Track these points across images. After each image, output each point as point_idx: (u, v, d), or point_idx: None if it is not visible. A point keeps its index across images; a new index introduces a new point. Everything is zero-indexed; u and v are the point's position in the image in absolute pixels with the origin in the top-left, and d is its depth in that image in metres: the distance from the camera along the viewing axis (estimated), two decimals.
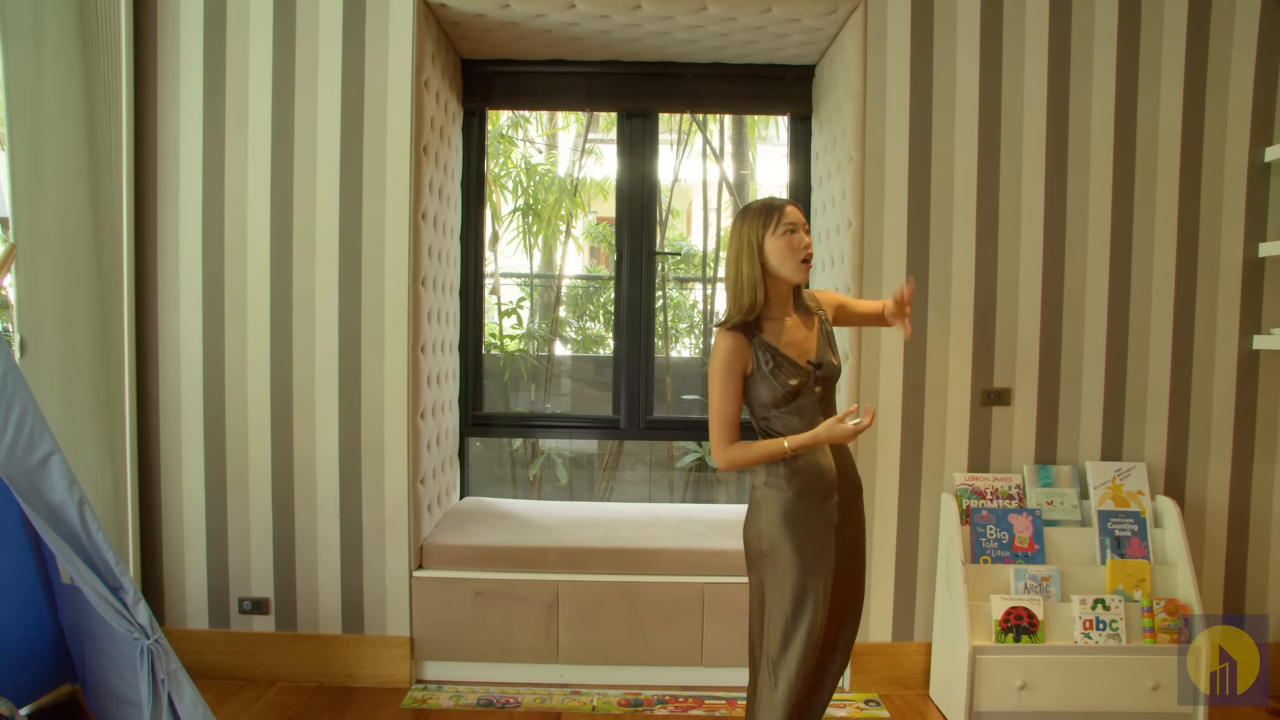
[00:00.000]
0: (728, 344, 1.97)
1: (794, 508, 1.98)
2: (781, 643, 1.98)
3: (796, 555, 1.97)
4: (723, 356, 1.97)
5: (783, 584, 1.98)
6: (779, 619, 1.98)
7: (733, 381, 1.98)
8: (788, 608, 1.97)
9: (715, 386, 1.99)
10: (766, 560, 2.02)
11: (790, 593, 1.97)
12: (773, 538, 2.00)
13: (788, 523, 1.98)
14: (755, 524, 2.05)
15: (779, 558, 1.98)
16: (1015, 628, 2.67)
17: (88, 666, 2.44)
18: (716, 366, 1.98)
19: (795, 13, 2.92)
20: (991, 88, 2.91)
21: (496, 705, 2.85)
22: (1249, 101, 2.93)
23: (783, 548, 1.98)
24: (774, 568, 2.00)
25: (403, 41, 2.88)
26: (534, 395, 4.52)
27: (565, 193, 4.80)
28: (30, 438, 2.00)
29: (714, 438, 2.01)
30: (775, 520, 1.99)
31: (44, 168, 2.61)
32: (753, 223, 1.98)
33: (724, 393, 1.98)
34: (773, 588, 2.00)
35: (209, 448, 2.97)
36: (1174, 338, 2.95)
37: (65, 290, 2.70)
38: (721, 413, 1.99)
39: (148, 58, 2.91)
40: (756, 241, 1.97)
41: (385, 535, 2.96)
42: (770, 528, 2.00)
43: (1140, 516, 2.83)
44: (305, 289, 2.94)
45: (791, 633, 1.97)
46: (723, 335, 1.98)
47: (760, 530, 2.03)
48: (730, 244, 2.03)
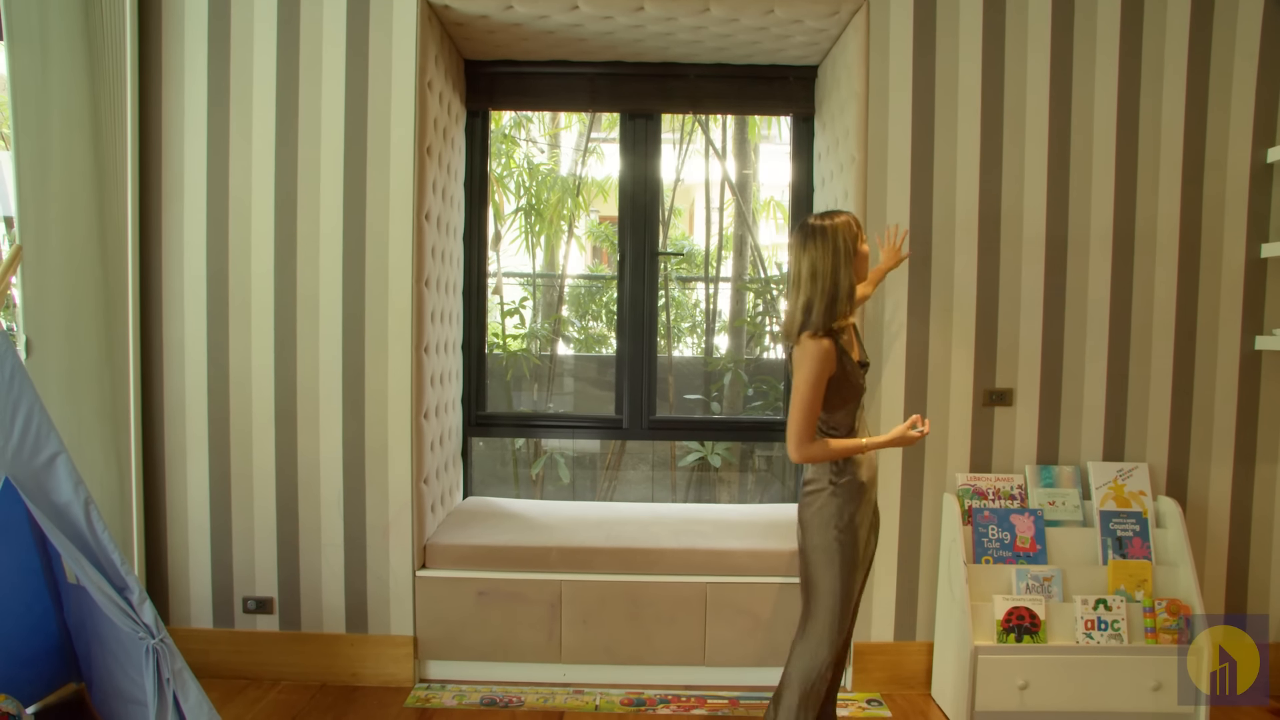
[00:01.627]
0: (822, 350, 2.10)
1: (851, 506, 2.19)
2: (834, 626, 2.20)
3: (852, 550, 2.19)
4: (819, 361, 2.09)
5: (834, 578, 2.19)
6: (836, 603, 2.19)
7: (821, 385, 2.11)
8: (841, 592, 2.19)
9: (805, 388, 2.10)
10: (822, 555, 2.20)
11: (840, 587, 2.19)
12: (831, 533, 2.18)
13: (846, 518, 2.18)
14: (817, 519, 2.21)
15: (833, 553, 2.18)
16: (1017, 628, 2.67)
17: (93, 665, 2.45)
18: (810, 369, 2.09)
19: (798, 14, 2.92)
20: (994, 89, 2.92)
21: (500, 704, 2.86)
22: (1251, 102, 2.93)
23: (839, 542, 2.18)
24: (828, 564, 2.19)
25: (406, 43, 2.89)
26: (537, 395, 4.52)
27: (568, 192, 4.81)
28: (36, 438, 2.02)
29: (797, 434, 2.12)
30: (834, 515, 2.18)
31: (49, 169, 2.62)
32: (846, 234, 2.14)
33: (814, 394, 2.10)
34: (825, 574, 2.20)
35: (214, 448, 2.98)
36: (1176, 338, 2.96)
37: (71, 291, 2.71)
38: (808, 412, 2.11)
39: (152, 58, 2.92)
40: (851, 253, 2.13)
41: (389, 535, 2.97)
42: (829, 523, 2.18)
43: (1142, 517, 2.83)
44: (309, 289, 2.95)
45: (843, 613, 2.21)
46: (816, 341, 2.11)
47: (825, 523, 2.19)
48: (822, 256, 2.13)
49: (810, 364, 2.09)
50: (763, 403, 4.36)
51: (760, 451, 4.30)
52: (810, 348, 2.10)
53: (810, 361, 2.09)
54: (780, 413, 3.81)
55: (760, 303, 4.74)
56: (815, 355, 2.09)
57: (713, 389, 4.48)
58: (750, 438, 4.01)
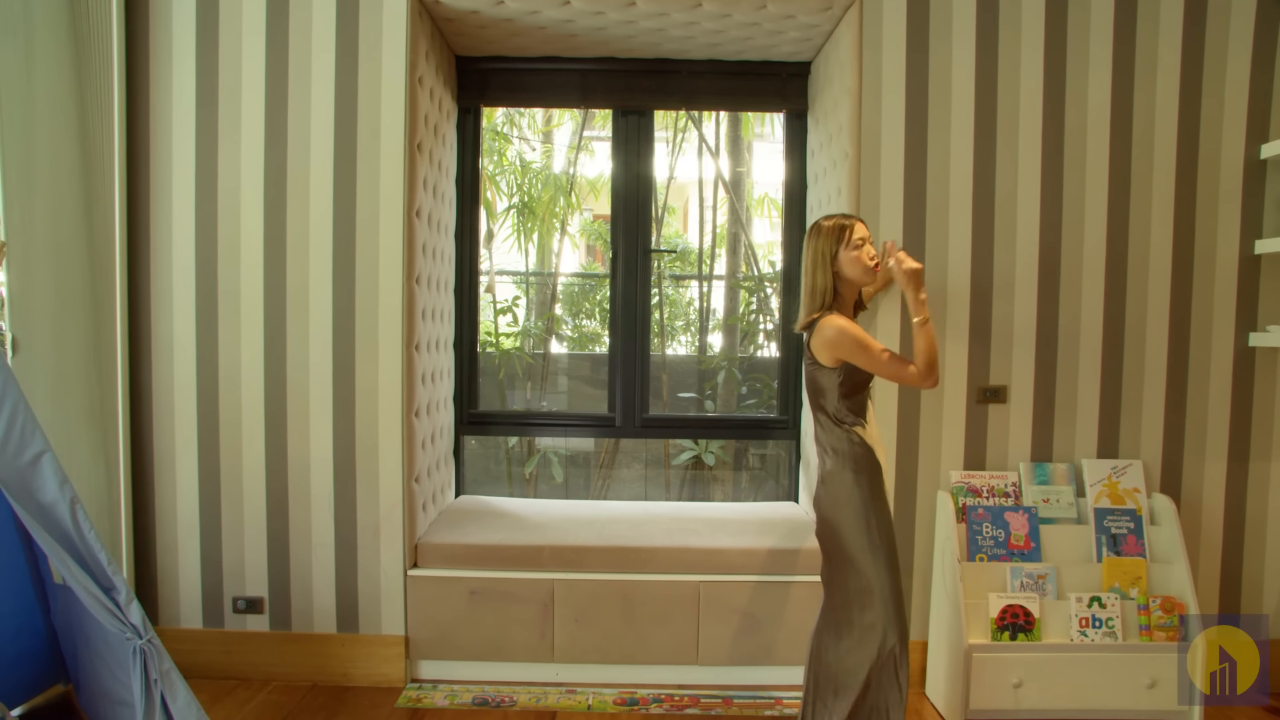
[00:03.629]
0: (844, 318, 2.27)
1: (873, 484, 2.30)
2: (898, 637, 2.24)
3: (888, 527, 2.29)
4: (851, 324, 2.25)
5: (883, 576, 2.25)
6: (890, 611, 2.24)
7: (868, 337, 2.24)
8: (893, 596, 2.25)
9: (866, 343, 2.22)
10: (860, 539, 2.26)
11: (889, 578, 2.25)
12: (864, 516, 2.27)
13: (875, 496, 2.29)
14: (846, 502, 2.29)
15: (872, 535, 2.26)
16: (1011, 626, 2.66)
17: (80, 667, 2.43)
18: (853, 332, 2.22)
19: (791, 9, 2.91)
20: (987, 84, 2.91)
21: (492, 704, 2.84)
22: (1245, 97, 2.93)
23: (875, 519, 2.27)
24: (870, 550, 2.26)
25: (396, 38, 2.87)
26: (529, 393, 4.51)
27: (560, 190, 4.79)
28: (21, 437, 2.00)
29: (905, 371, 2.25)
30: (872, 509, 2.27)
31: (35, 165, 2.60)
32: (826, 239, 2.30)
33: (872, 342, 2.24)
34: (870, 561, 2.26)
35: (203, 446, 2.96)
36: (1170, 335, 2.95)
37: (57, 288, 2.69)
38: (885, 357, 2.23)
39: (140, 52, 2.90)
40: (829, 255, 2.30)
41: (380, 534, 2.95)
42: (868, 518, 2.27)
43: (1136, 514, 2.83)
44: (299, 287, 2.93)
45: (902, 615, 2.25)
46: (835, 315, 2.27)
47: (855, 506, 2.28)
48: (806, 255, 2.36)
49: (848, 330, 2.22)
50: (756, 400, 4.34)
51: (754, 450, 4.28)
52: (832, 321, 2.24)
53: (845, 329, 2.22)
54: (774, 410, 3.80)
55: (754, 300, 4.73)
56: (843, 322, 2.24)
57: (706, 387, 4.47)
58: (744, 436, 3.99)
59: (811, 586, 2.91)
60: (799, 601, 2.92)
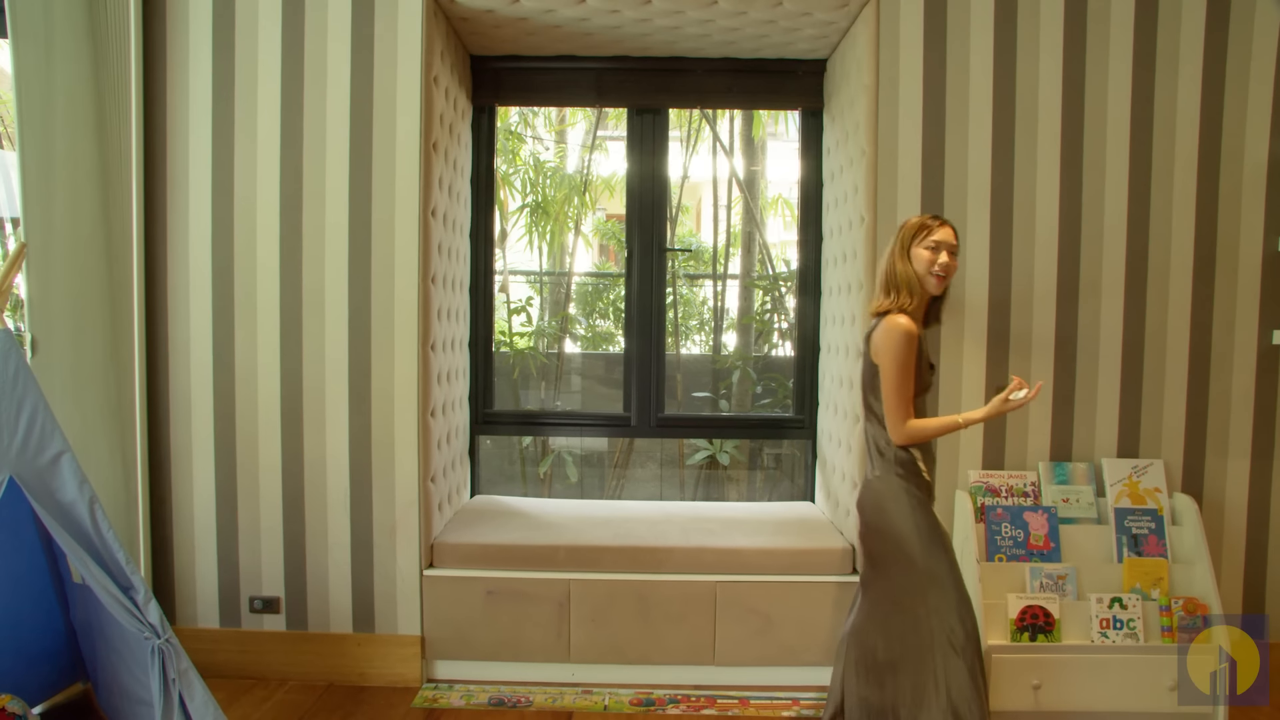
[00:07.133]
0: (910, 330, 2.15)
1: (926, 500, 2.24)
2: (960, 622, 2.14)
3: (936, 521, 2.23)
4: (908, 339, 2.15)
5: (941, 568, 2.18)
6: (951, 598, 2.15)
7: (912, 363, 2.16)
8: (954, 586, 2.17)
9: (899, 368, 2.15)
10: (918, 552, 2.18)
11: (949, 570, 2.18)
12: (924, 530, 2.19)
13: (928, 512, 2.23)
14: (901, 519, 2.21)
15: (922, 529, 2.19)
16: (1031, 626, 2.64)
17: (99, 665, 2.44)
18: (902, 348, 2.14)
19: (807, 6, 2.89)
20: (1005, 80, 2.88)
21: (508, 704, 2.84)
22: (1270, 92, 2.89)
23: (935, 534, 2.20)
24: (926, 544, 2.18)
25: (412, 38, 2.87)
26: (544, 393, 4.50)
27: (574, 189, 4.78)
28: (41, 437, 2.01)
29: (897, 413, 2.18)
30: (921, 512, 2.21)
31: (54, 167, 2.61)
32: (908, 231, 2.25)
33: (907, 372, 2.16)
34: (935, 575, 2.17)
35: (219, 446, 2.97)
36: (1192, 333, 2.92)
37: (76, 290, 2.70)
38: (903, 390, 2.16)
39: (157, 55, 2.91)
40: (905, 246, 2.23)
41: (396, 534, 2.95)
42: (917, 519, 2.20)
43: (1157, 514, 2.79)
44: (315, 287, 2.93)
45: (966, 607, 2.17)
46: (905, 321, 2.16)
47: (903, 506, 2.21)
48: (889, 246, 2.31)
49: (899, 342, 2.15)
50: (771, 400, 4.32)
51: (769, 449, 4.26)
52: (895, 326, 2.16)
53: (897, 340, 2.15)
54: (789, 409, 3.78)
55: (768, 300, 4.70)
56: (902, 334, 2.15)
57: (721, 386, 4.45)
58: (759, 435, 3.98)
59: (828, 587, 2.89)
60: (816, 602, 2.90)
